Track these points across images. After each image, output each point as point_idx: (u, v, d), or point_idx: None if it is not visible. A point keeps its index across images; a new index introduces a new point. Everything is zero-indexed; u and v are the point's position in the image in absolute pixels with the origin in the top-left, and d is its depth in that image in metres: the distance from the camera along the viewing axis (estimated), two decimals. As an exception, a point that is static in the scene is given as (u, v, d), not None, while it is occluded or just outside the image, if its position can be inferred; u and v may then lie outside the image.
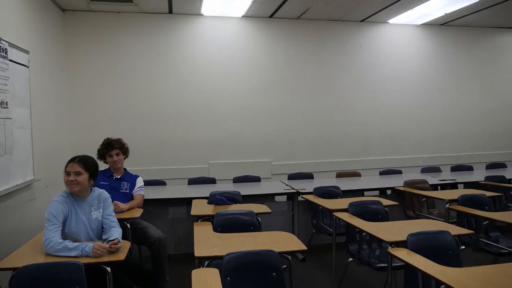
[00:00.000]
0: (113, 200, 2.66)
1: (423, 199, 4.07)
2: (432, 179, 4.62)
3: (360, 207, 3.22)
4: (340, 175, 5.22)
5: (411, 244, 2.28)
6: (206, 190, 3.90)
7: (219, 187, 4.34)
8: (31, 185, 3.61)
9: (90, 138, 4.05)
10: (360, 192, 4.32)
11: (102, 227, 2.42)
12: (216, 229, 2.75)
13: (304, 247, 2.28)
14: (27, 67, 3.56)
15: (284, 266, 2.18)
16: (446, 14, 5.54)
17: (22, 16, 3.66)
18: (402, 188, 4.22)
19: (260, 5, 5.00)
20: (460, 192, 3.73)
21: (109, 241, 2.18)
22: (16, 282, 1.85)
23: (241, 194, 3.69)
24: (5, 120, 3.07)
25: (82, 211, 2.37)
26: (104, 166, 3.32)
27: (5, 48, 3.10)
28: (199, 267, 2.13)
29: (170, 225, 4.13)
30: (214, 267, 1.97)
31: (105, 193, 2.53)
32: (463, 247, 3.13)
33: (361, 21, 5.85)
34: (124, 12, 5.11)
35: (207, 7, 5.04)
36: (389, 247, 2.36)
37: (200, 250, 2.23)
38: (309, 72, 5.73)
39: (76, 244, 2.12)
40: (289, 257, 2.25)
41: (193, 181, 4.68)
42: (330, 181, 4.70)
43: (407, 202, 4.34)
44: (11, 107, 3.18)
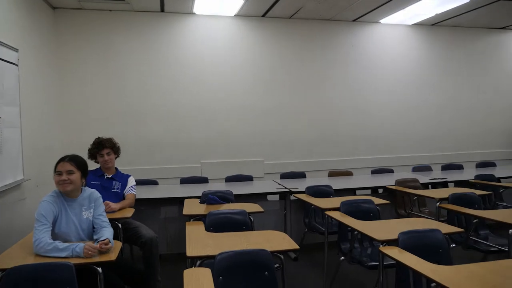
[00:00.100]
0: (104, 200, 2.65)
1: (414, 198, 4.11)
2: (423, 178, 4.66)
3: (352, 206, 3.24)
4: (332, 174, 5.23)
5: (402, 243, 2.30)
6: (198, 190, 3.89)
7: (211, 187, 4.33)
8: (21, 185, 3.57)
9: (81, 137, 4.01)
10: (352, 191, 4.35)
11: (93, 227, 2.40)
12: (208, 229, 2.75)
13: (297, 246, 2.28)
14: (17, 66, 3.52)
15: (276, 265, 2.19)
16: (437, 15, 5.60)
17: (11, 13, 3.60)
18: (393, 187, 4.25)
19: (252, 5, 4.99)
20: (451, 190, 3.78)
21: (99, 241, 2.16)
22: (6, 283, 1.82)
23: (234, 193, 3.69)
24: (-6, 119, 3.04)
25: (73, 211, 2.35)
26: (94, 166, 3.30)
27: (-6, 46, 3.07)
28: (191, 266, 2.12)
29: (162, 225, 4.11)
30: (206, 267, 1.97)
31: (96, 193, 2.51)
32: (454, 245, 3.18)
33: (353, 20, 5.87)
34: (116, 10, 5.06)
35: (199, 6, 5.02)
36: (381, 246, 2.37)
37: (192, 250, 2.22)
38: (301, 71, 5.74)
39: (66, 244, 2.10)
40: (282, 256, 2.25)
41: (185, 181, 4.66)
42: (322, 180, 4.72)
43: (398, 201, 4.38)
44: (0, 106, 3.13)
